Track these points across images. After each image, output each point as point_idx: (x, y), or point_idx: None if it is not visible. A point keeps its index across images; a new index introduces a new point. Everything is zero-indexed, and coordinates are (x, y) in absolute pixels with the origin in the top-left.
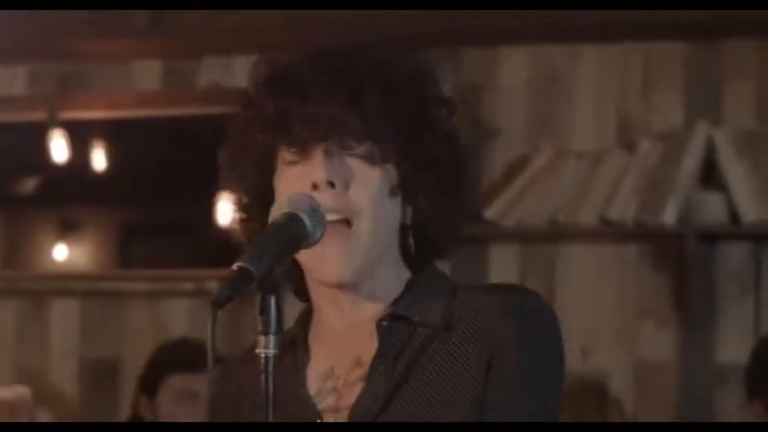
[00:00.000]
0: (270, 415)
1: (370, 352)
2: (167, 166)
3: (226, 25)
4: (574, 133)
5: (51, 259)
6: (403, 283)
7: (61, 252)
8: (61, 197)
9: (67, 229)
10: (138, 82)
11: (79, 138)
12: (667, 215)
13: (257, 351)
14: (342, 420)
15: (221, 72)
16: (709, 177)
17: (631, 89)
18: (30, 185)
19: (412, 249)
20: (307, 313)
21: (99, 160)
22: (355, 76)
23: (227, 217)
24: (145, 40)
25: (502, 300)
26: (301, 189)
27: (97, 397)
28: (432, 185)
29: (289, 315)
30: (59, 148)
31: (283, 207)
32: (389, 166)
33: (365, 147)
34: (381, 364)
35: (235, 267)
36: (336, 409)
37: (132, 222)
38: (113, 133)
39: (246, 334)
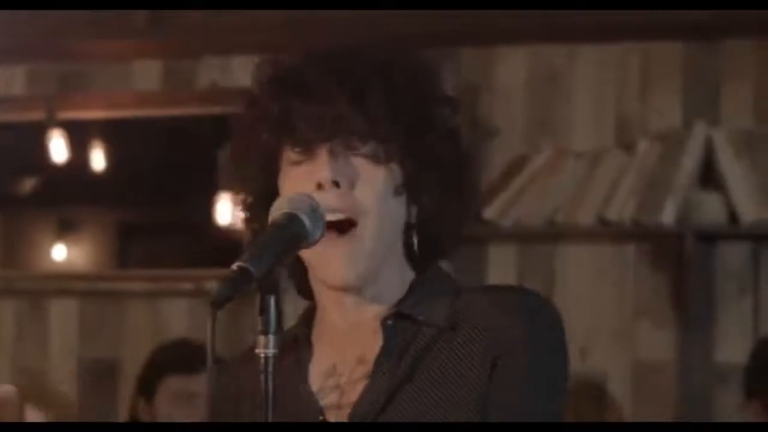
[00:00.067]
0: (270, 415)
1: (373, 351)
2: (166, 166)
3: (225, 25)
4: (572, 133)
5: (50, 259)
6: (407, 283)
7: (59, 252)
8: (60, 197)
9: (65, 229)
10: (137, 82)
11: (78, 138)
12: (666, 215)
13: (257, 351)
14: (344, 418)
15: (220, 72)
16: (708, 177)
17: (629, 89)
18: (29, 185)
19: (415, 246)
20: (310, 310)
21: (98, 160)
22: (358, 75)
23: (226, 217)
24: (145, 40)
25: (507, 300)
26: (306, 189)
27: (96, 397)
28: (436, 184)
29: (288, 314)
30: (58, 148)
31: (283, 207)
32: (393, 165)
33: (370, 147)
34: (385, 363)
35: (235, 267)
36: (338, 406)
37: (131, 222)
38: (112, 133)
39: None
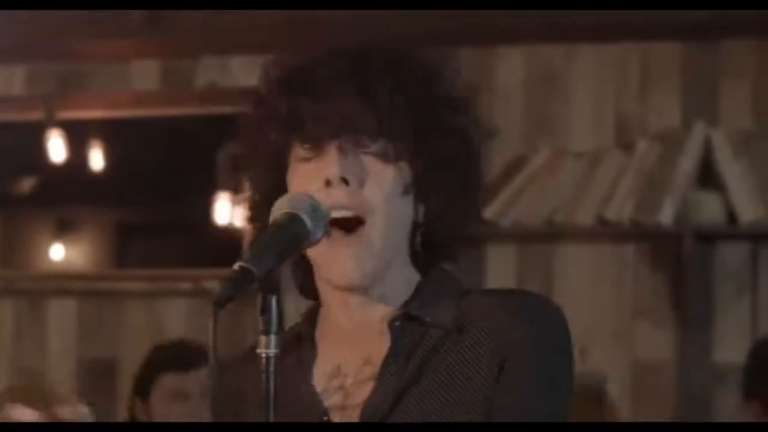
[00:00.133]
0: (271, 415)
1: (379, 352)
2: (165, 166)
3: (223, 25)
4: (571, 133)
5: (48, 258)
6: (412, 285)
7: (58, 252)
8: (58, 197)
9: (64, 229)
10: (136, 82)
11: (77, 138)
12: (665, 215)
13: (258, 351)
14: (348, 418)
15: (219, 72)
16: (707, 177)
17: (628, 89)
18: (27, 185)
19: (417, 246)
20: (314, 309)
21: (96, 159)
22: (368, 74)
23: (225, 217)
24: (143, 40)
25: (513, 302)
26: (314, 185)
27: (94, 397)
28: (444, 184)
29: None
30: (57, 148)
31: (284, 207)
32: (402, 164)
33: (379, 145)
34: (393, 364)
35: (237, 267)
36: (343, 407)
37: (129, 222)
38: (111, 133)
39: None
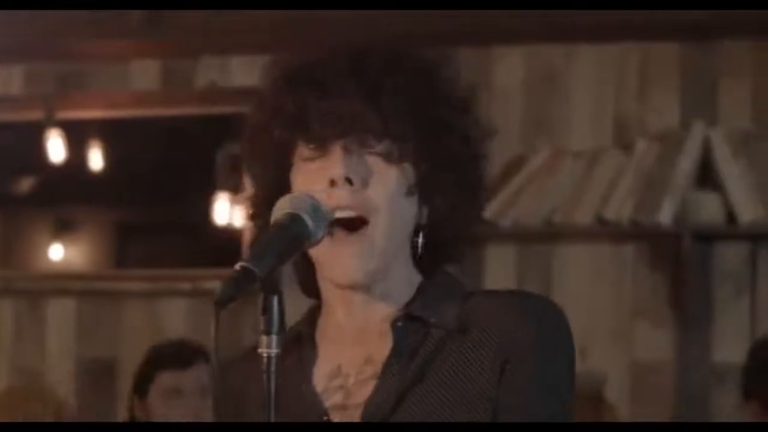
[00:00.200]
0: (272, 415)
1: (381, 352)
2: (164, 166)
3: (223, 25)
4: (570, 132)
5: (47, 258)
6: (414, 285)
7: (57, 252)
8: (58, 197)
9: (63, 229)
10: (135, 82)
11: (76, 137)
12: (664, 215)
13: (259, 351)
14: (349, 418)
15: (219, 72)
16: (706, 177)
17: (627, 89)
18: (27, 185)
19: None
20: (314, 309)
21: (96, 159)
22: (374, 74)
23: (224, 217)
24: (143, 40)
25: (515, 303)
26: (318, 185)
27: (94, 396)
28: (449, 186)
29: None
30: (56, 148)
31: (285, 207)
32: (407, 165)
33: (384, 145)
34: (395, 364)
35: (238, 267)
36: (343, 407)
37: (129, 222)
38: (110, 133)
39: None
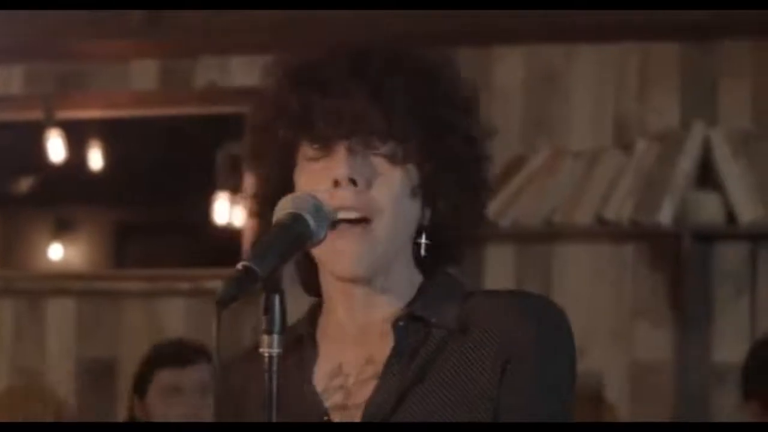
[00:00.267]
0: (274, 415)
1: (382, 352)
2: (164, 166)
3: (223, 25)
4: (570, 132)
5: (47, 258)
6: (415, 286)
7: (57, 251)
8: (57, 197)
9: (63, 229)
10: (135, 82)
11: (76, 137)
12: (664, 215)
13: (261, 350)
14: (350, 418)
15: (218, 72)
16: (706, 177)
17: (627, 89)
18: (26, 184)
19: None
20: (314, 309)
21: (95, 159)
22: (378, 74)
23: (224, 217)
24: (142, 39)
25: (516, 303)
26: (322, 185)
27: (94, 396)
28: (452, 187)
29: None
30: (56, 148)
31: (287, 207)
32: (410, 166)
33: (388, 146)
34: (396, 364)
35: (240, 266)
36: (344, 407)
37: (128, 221)
38: (110, 133)
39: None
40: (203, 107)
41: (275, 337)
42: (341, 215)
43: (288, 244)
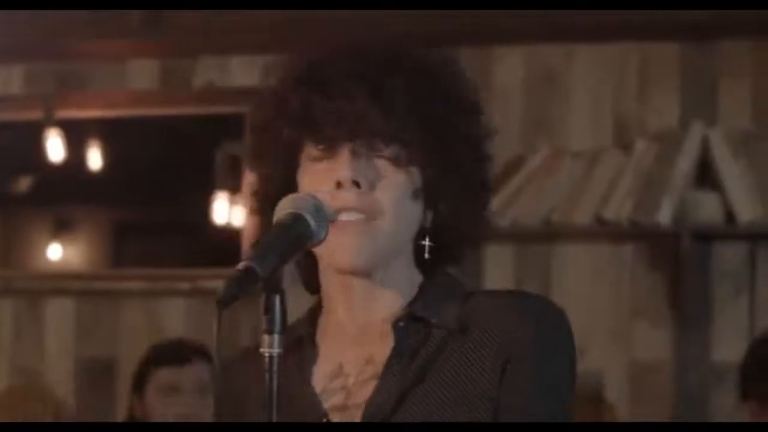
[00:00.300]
0: (274, 415)
1: (382, 352)
2: (163, 166)
3: (223, 25)
4: (569, 132)
5: (46, 258)
6: (416, 285)
7: (56, 251)
8: (56, 196)
9: (62, 228)
10: (134, 82)
11: (76, 137)
12: (663, 215)
13: (261, 350)
14: (350, 419)
15: (217, 71)
16: (705, 177)
17: (626, 89)
18: (26, 184)
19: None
20: (315, 310)
21: (95, 159)
22: (378, 74)
23: (223, 217)
24: (141, 39)
25: (516, 304)
26: (325, 186)
27: (93, 396)
28: (454, 189)
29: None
30: (55, 147)
31: (287, 207)
32: (413, 168)
33: (392, 149)
34: (396, 364)
35: (241, 266)
36: (344, 408)
37: (127, 221)
38: (109, 133)
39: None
40: (202, 107)
41: (276, 336)
42: (343, 217)
43: (288, 245)
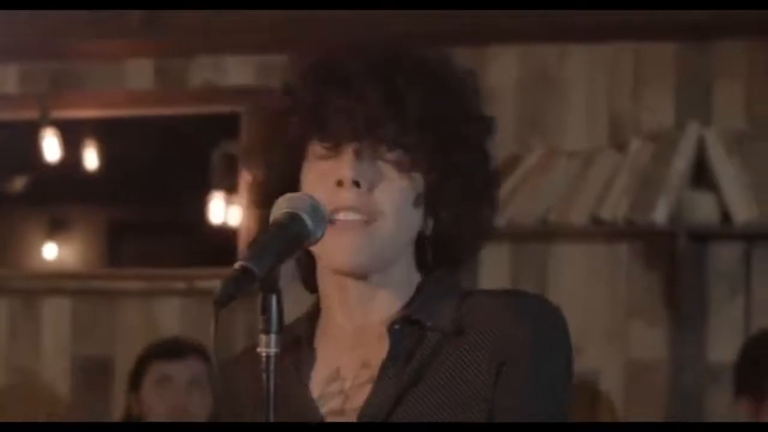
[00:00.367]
0: (271, 414)
1: (378, 355)
2: (159, 165)
3: (222, 25)
4: (565, 132)
5: (42, 257)
6: (413, 285)
7: (51, 251)
8: (52, 196)
9: (58, 228)
10: (130, 81)
11: (71, 137)
12: (658, 214)
13: (258, 350)
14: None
15: (213, 71)
16: (700, 176)
17: (622, 89)
18: (21, 183)
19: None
20: (312, 312)
21: (91, 158)
22: (396, 80)
23: (219, 216)
24: (138, 39)
25: (512, 304)
26: (327, 184)
27: (89, 395)
28: (457, 199)
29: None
30: (51, 147)
31: (284, 206)
32: (416, 174)
33: (396, 154)
34: (391, 367)
35: (238, 266)
36: (341, 412)
37: (123, 221)
38: (105, 132)
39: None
40: (198, 106)
41: (273, 336)
42: (341, 216)
43: (285, 244)
